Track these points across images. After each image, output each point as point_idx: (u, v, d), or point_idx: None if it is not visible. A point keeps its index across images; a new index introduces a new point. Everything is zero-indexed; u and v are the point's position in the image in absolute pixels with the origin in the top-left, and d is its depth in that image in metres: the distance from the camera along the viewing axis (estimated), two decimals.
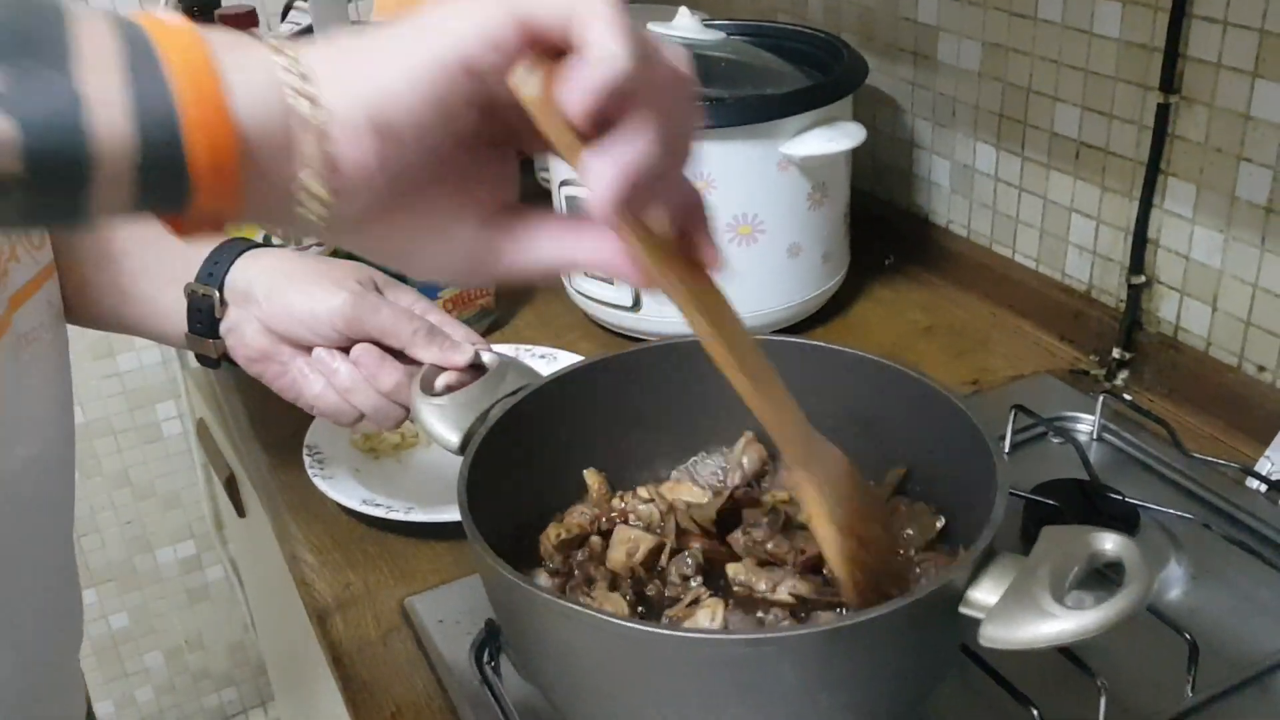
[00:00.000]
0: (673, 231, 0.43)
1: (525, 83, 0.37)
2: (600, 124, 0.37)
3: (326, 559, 0.78)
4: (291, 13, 1.28)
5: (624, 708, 0.54)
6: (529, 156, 0.44)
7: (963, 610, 0.51)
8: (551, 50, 0.37)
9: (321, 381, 0.65)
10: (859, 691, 0.52)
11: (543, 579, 0.64)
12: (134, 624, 1.77)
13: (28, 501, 0.61)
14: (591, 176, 0.37)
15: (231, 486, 1.09)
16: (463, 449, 0.60)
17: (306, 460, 0.82)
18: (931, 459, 0.66)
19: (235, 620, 1.83)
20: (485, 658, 0.67)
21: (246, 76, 0.35)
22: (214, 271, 0.67)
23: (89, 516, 1.66)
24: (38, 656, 0.64)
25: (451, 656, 0.68)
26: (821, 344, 0.70)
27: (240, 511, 1.11)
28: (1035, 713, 0.59)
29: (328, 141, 0.36)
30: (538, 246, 0.42)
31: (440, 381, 0.64)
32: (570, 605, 0.51)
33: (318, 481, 0.80)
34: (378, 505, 0.78)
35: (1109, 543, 0.51)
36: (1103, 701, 0.60)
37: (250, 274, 0.67)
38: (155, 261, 0.69)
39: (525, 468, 0.64)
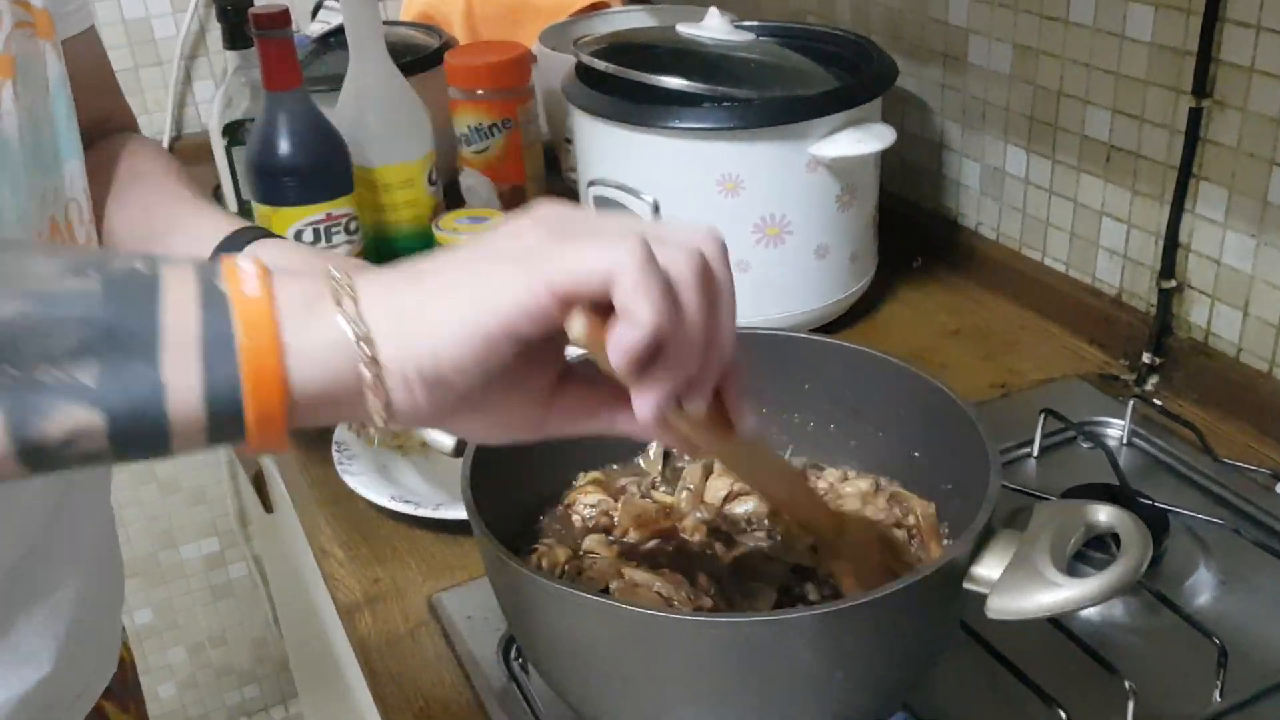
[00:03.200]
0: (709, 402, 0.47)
1: (572, 327, 0.41)
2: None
3: (355, 554, 0.78)
4: (321, 11, 1.29)
5: (635, 691, 0.54)
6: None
7: (967, 586, 0.52)
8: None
9: None
10: (870, 667, 0.54)
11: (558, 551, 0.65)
12: (158, 619, 1.78)
13: (56, 487, 0.63)
14: (637, 407, 0.43)
15: (259, 482, 1.10)
16: (459, 452, 0.60)
17: (336, 456, 0.83)
18: (934, 450, 0.66)
19: (258, 617, 1.84)
20: (513, 654, 0.68)
21: (310, 347, 0.40)
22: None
23: (115, 512, 1.67)
24: (78, 605, 0.66)
25: (480, 652, 0.68)
26: (818, 339, 0.71)
27: (268, 507, 1.12)
28: (1063, 715, 0.59)
29: (382, 394, 0.40)
30: (591, 417, 0.48)
31: None
32: (578, 592, 0.52)
33: (346, 478, 0.81)
34: (406, 502, 0.78)
35: (1103, 514, 0.53)
36: (1130, 705, 0.60)
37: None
38: (179, 246, 0.69)
39: (525, 464, 0.64)
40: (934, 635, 0.56)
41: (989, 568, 0.52)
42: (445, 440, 0.61)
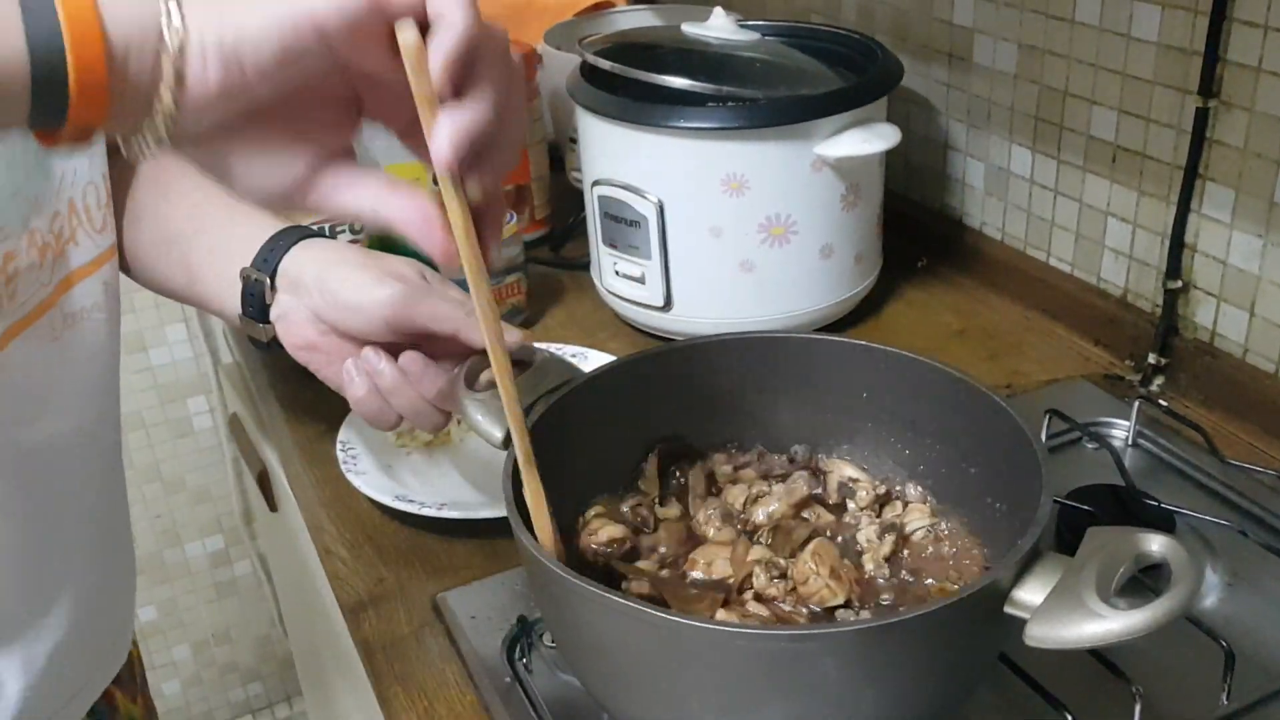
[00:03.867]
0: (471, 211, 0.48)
1: (403, 30, 0.43)
2: (454, 90, 0.44)
3: (359, 554, 0.78)
4: None
5: (665, 700, 0.54)
6: (369, 118, 0.50)
7: (1008, 610, 0.50)
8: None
9: (366, 384, 0.66)
10: (902, 689, 0.52)
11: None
12: (162, 617, 1.78)
13: (63, 476, 0.63)
14: (439, 132, 0.44)
15: (264, 481, 1.10)
16: (506, 444, 0.60)
17: (340, 455, 0.83)
18: (969, 459, 0.66)
19: (262, 615, 1.84)
20: (517, 654, 0.67)
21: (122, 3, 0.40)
22: (268, 258, 0.69)
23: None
24: (90, 598, 0.66)
25: (484, 652, 0.68)
26: (869, 344, 0.71)
27: (272, 506, 1.12)
28: (1069, 718, 0.59)
29: (181, 60, 0.41)
30: (356, 194, 0.48)
31: (484, 377, 0.64)
32: (613, 598, 0.51)
33: (351, 477, 0.81)
34: (410, 501, 0.78)
35: (1155, 544, 0.51)
36: (1138, 708, 0.60)
37: (302, 261, 0.68)
38: (222, 243, 0.70)
39: (569, 462, 0.64)
40: (972, 659, 0.55)
41: (1032, 592, 0.50)
42: (493, 430, 0.61)
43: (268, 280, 0.68)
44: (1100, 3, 0.90)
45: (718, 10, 1.00)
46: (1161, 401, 0.88)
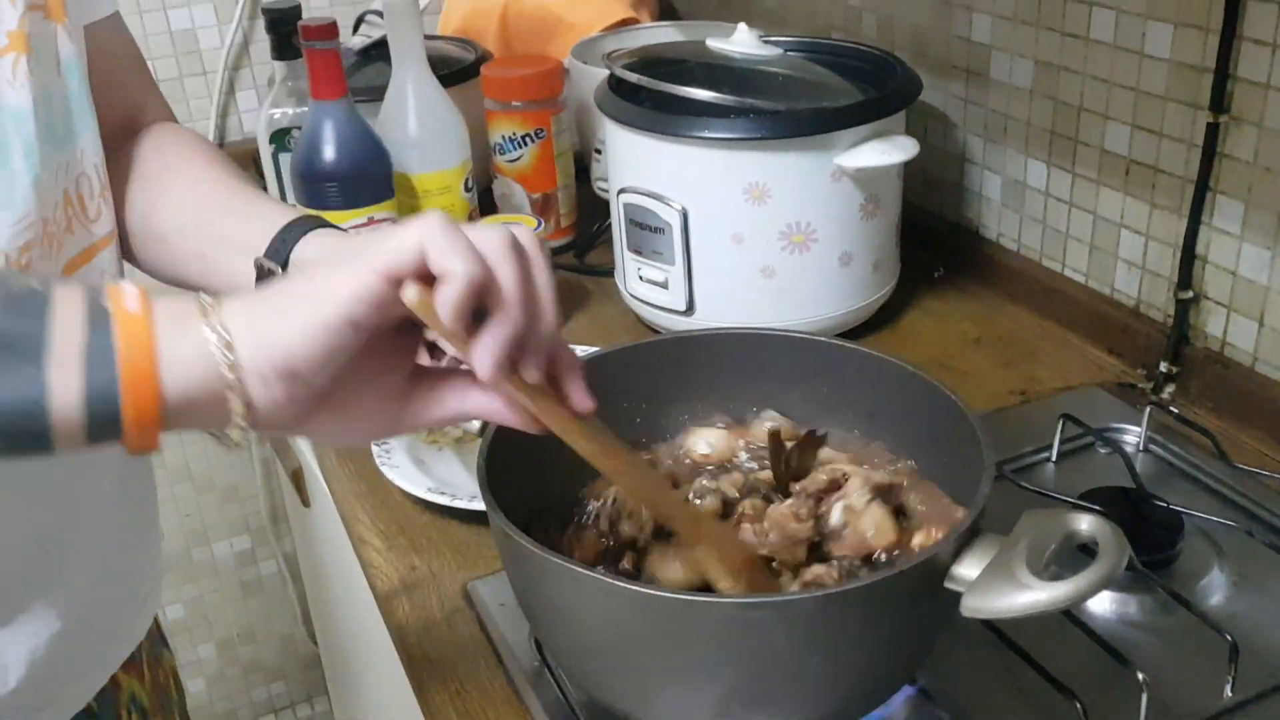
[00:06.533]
0: (544, 379, 0.52)
1: (406, 293, 0.47)
2: (474, 313, 0.48)
3: (393, 544, 0.81)
4: (362, 26, 1.33)
5: (623, 665, 0.57)
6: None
7: (947, 585, 0.54)
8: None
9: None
10: (848, 657, 0.56)
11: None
12: (188, 615, 1.82)
13: (82, 458, 0.65)
14: (474, 361, 0.48)
15: (298, 478, 1.13)
16: (483, 431, 0.64)
17: (375, 450, 0.86)
18: (936, 450, 0.68)
19: (286, 615, 1.87)
20: None
21: (178, 354, 0.45)
22: (279, 248, 0.69)
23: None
24: (107, 582, 0.69)
25: (512, 637, 0.71)
26: (827, 340, 0.74)
27: (305, 502, 1.15)
28: (1079, 706, 0.61)
29: (243, 393, 0.45)
30: (441, 405, 0.52)
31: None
32: (566, 564, 0.55)
33: (386, 470, 0.84)
34: (442, 494, 0.82)
35: (1084, 523, 0.54)
36: (1144, 698, 0.62)
37: (309, 250, 0.69)
38: (233, 233, 0.71)
39: (544, 449, 0.66)
40: (914, 632, 0.58)
41: (969, 568, 0.54)
42: (472, 423, 0.65)
43: (280, 270, 0.69)
44: (1114, 21, 0.92)
45: (741, 26, 1.03)
46: (1172, 409, 0.90)
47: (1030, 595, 0.50)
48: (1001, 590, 0.51)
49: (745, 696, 0.55)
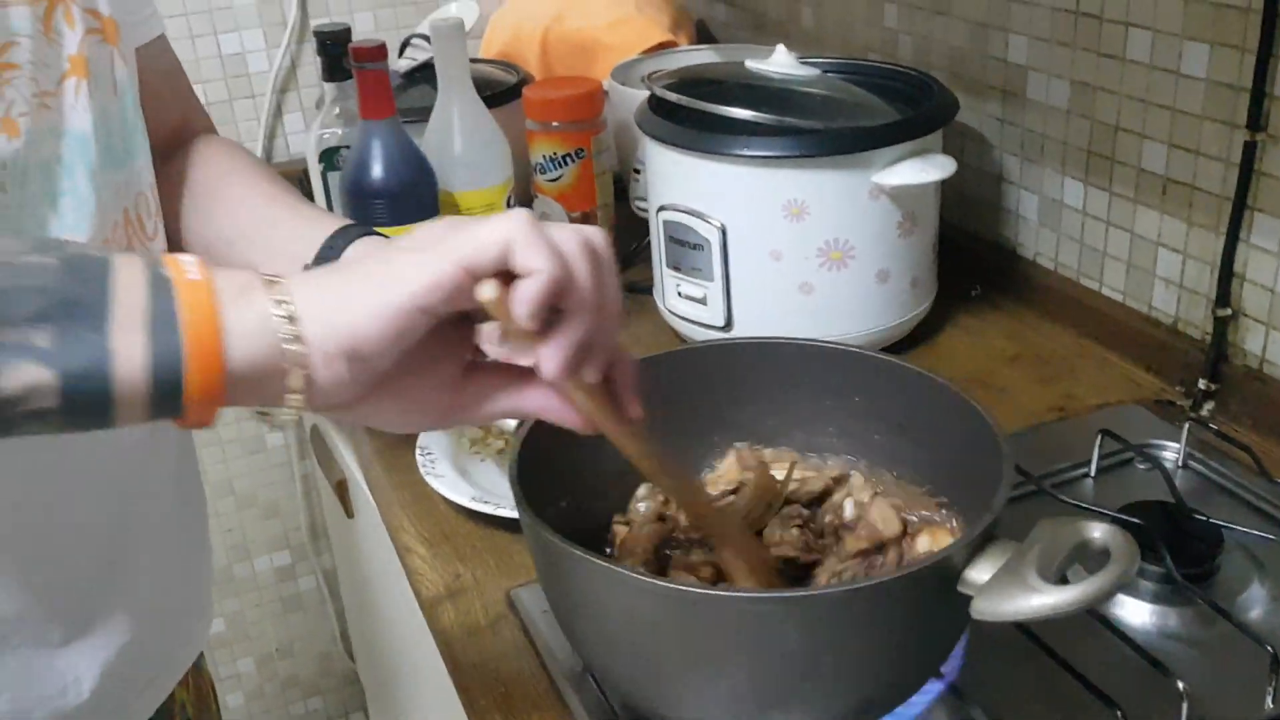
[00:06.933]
0: (600, 382, 0.53)
1: (482, 291, 0.47)
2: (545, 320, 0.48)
3: (437, 551, 0.83)
4: (408, 49, 1.36)
5: (644, 660, 0.59)
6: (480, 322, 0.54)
7: (959, 589, 0.54)
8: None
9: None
10: (863, 656, 0.56)
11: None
12: (229, 629, 1.84)
13: (144, 474, 0.67)
14: (543, 360, 0.49)
15: (342, 489, 1.15)
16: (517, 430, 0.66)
17: (419, 459, 0.88)
18: (959, 460, 0.69)
19: (324, 631, 1.89)
20: None
21: (242, 325, 0.44)
22: (327, 254, 0.70)
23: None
24: (158, 595, 0.70)
25: (556, 644, 0.72)
26: (854, 349, 0.75)
27: (349, 512, 1.17)
28: (1120, 714, 0.62)
29: (307, 368, 0.45)
30: (494, 400, 0.53)
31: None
32: (585, 556, 0.56)
33: (430, 479, 0.86)
34: (485, 502, 0.83)
35: (1097, 531, 0.55)
36: (1184, 707, 0.62)
37: (359, 255, 0.70)
38: (282, 242, 0.72)
39: (576, 452, 0.66)
40: (926, 634, 0.59)
41: (981, 572, 0.54)
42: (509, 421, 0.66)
43: None
44: (1151, 41, 0.93)
45: (780, 47, 1.05)
46: (1211, 425, 0.90)
47: (1039, 599, 0.51)
48: (1011, 593, 0.52)
49: (763, 693, 0.56)
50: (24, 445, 0.58)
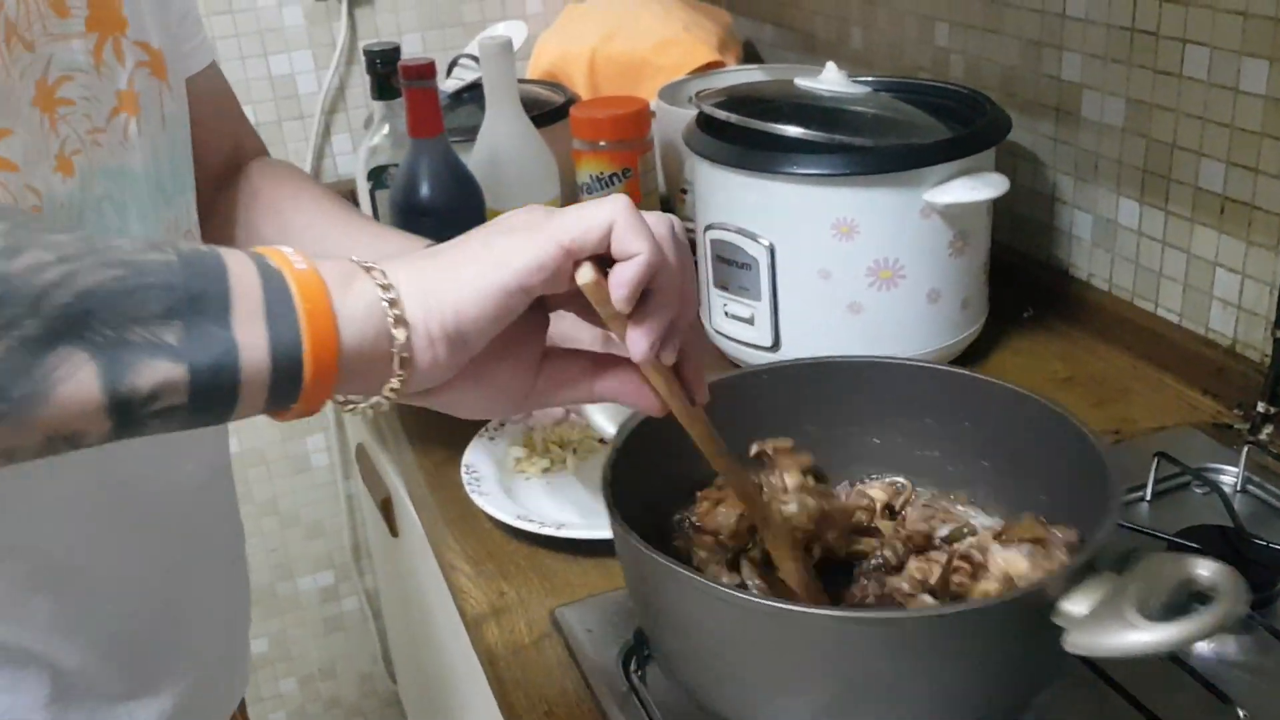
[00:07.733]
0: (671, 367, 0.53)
1: (581, 274, 0.48)
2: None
3: (481, 569, 0.82)
4: (455, 69, 1.37)
5: (728, 671, 0.58)
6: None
7: (1054, 620, 0.53)
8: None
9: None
10: (950, 684, 0.55)
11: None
12: (272, 649, 1.85)
13: (195, 517, 0.68)
14: (633, 342, 0.50)
15: (387, 507, 1.15)
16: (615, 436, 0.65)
17: (464, 478, 0.88)
18: (1064, 488, 0.67)
19: (366, 651, 1.89)
20: (633, 665, 0.70)
21: (352, 311, 0.45)
22: None
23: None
24: (211, 643, 0.70)
25: (600, 662, 0.72)
26: (962, 371, 0.74)
27: (394, 531, 1.17)
28: None
29: (408, 349, 0.46)
30: (572, 385, 0.53)
31: None
32: (679, 569, 0.56)
33: (475, 498, 0.85)
34: (530, 521, 0.83)
35: (1204, 569, 0.52)
36: None
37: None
38: (334, 248, 0.73)
39: (668, 464, 0.67)
40: (1018, 664, 0.57)
41: (1078, 605, 0.52)
42: (608, 426, 0.66)
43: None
44: (1209, 58, 0.92)
45: (830, 65, 1.04)
46: (1271, 449, 0.88)
47: (1136, 635, 0.49)
48: (1109, 628, 0.50)
49: (843, 711, 0.55)
50: (92, 498, 0.59)
